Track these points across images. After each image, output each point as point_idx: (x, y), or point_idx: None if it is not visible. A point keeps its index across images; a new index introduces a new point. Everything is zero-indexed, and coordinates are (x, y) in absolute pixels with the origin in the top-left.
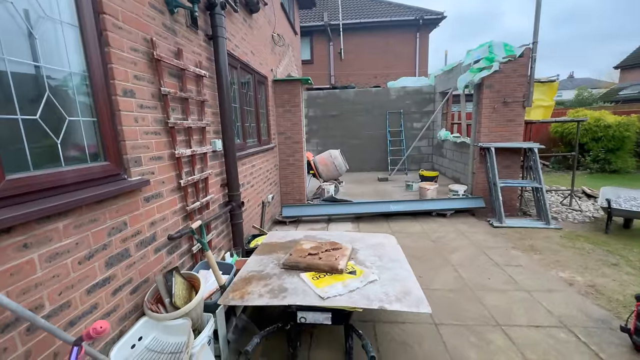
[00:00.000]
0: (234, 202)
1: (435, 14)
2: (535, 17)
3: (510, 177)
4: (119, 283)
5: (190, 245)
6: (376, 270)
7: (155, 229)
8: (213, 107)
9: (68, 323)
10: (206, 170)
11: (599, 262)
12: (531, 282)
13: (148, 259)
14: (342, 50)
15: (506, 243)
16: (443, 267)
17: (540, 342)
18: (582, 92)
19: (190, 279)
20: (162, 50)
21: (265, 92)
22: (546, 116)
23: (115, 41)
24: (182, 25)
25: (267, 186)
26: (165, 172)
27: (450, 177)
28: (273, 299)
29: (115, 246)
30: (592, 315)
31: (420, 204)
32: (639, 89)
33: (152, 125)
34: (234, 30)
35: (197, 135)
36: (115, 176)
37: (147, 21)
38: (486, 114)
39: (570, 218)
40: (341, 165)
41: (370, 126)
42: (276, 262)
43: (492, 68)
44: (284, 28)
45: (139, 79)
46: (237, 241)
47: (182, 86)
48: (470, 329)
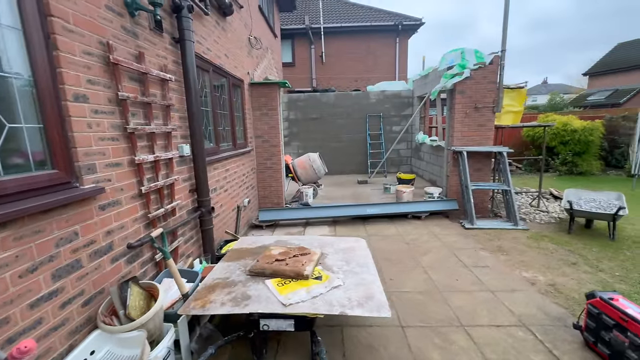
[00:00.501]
0: (204, 207)
1: (413, 20)
2: (503, 28)
3: (482, 179)
4: (68, 296)
5: (153, 254)
6: (342, 275)
7: (112, 238)
8: (181, 112)
9: (6, 340)
10: (172, 176)
11: (560, 262)
12: (496, 282)
13: (103, 269)
14: (324, 53)
15: (476, 244)
16: (414, 270)
17: (500, 342)
18: (554, 97)
19: (149, 288)
20: (120, 54)
21: (242, 96)
22: (516, 121)
23: (66, 45)
24: (144, 28)
25: (243, 190)
26: (124, 178)
27: (427, 180)
28: (235, 307)
29: (64, 257)
30: (550, 314)
31: (396, 206)
32: (605, 95)
33: (109, 131)
34: (205, 34)
35: (162, 141)
36: (64, 184)
37: (103, 24)
38: (459, 118)
39: (538, 219)
40: (320, 169)
41: (351, 129)
42: (243, 269)
43: (463, 74)
44: (263, 31)
45: (93, 84)
46: (207, 247)
47: (144, 90)
48: (435, 331)
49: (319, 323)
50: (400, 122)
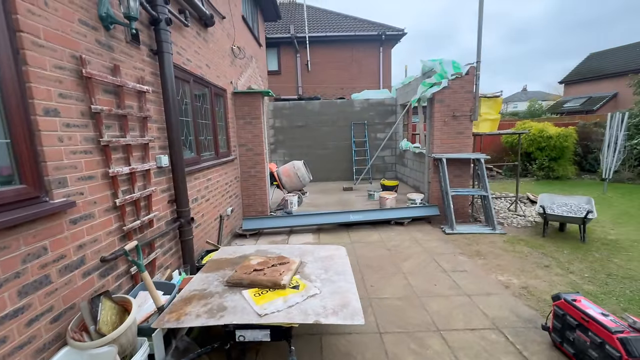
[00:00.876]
0: (183, 218)
1: (396, 30)
2: (477, 41)
3: (462, 185)
4: (35, 312)
5: (128, 267)
6: (319, 284)
7: (84, 252)
8: (159, 122)
9: None
10: (149, 187)
11: (533, 265)
12: (473, 286)
13: (74, 284)
14: (309, 62)
15: (455, 249)
16: (395, 276)
17: (473, 345)
18: (533, 104)
19: (122, 302)
20: (94, 67)
21: (224, 105)
22: (493, 129)
23: (35, 59)
24: (120, 41)
25: (226, 199)
26: (97, 191)
27: (411, 186)
28: (210, 319)
29: (31, 273)
30: (521, 316)
31: (379, 213)
32: (580, 102)
33: (82, 144)
34: (186, 45)
35: (139, 152)
36: (33, 199)
37: (76, 38)
38: (438, 126)
39: (515, 223)
40: (304, 176)
41: (336, 136)
42: (221, 280)
43: (441, 84)
44: (247, 40)
45: (65, 97)
46: (187, 258)
47: (119, 102)
48: (412, 336)
49: (299, 332)
50: (385, 129)
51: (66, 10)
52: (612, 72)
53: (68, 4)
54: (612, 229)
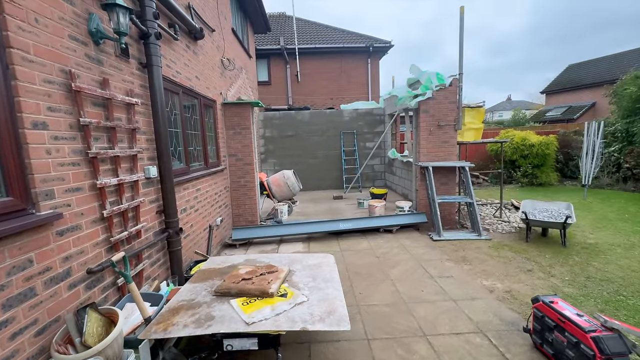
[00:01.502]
0: (171, 228)
1: (383, 42)
2: (459, 55)
3: (448, 193)
4: (19, 326)
5: (115, 278)
6: (307, 292)
7: (70, 264)
8: (148, 134)
9: None
10: (137, 198)
11: (517, 269)
12: (459, 291)
13: (60, 296)
14: (299, 72)
15: (442, 255)
16: (383, 283)
17: (458, 349)
18: (517, 113)
19: (108, 314)
20: (83, 81)
21: (214, 115)
22: (477, 137)
23: (25, 74)
24: (110, 55)
25: (216, 209)
26: (84, 203)
27: (400, 194)
28: (197, 329)
29: (16, 286)
30: (505, 319)
31: (368, 221)
32: (561, 111)
33: (69, 157)
34: (175, 57)
35: (127, 163)
36: (19, 212)
37: (65, 53)
38: (424, 135)
39: (500, 229)
40: (294, 185)
41: (326, 146)
42: (209, 290)
43: (426, 95)
44: (237, 52)
45: (53, 111)
46: (175, 269)
47: (108, 115)
48: (399, 342)
49: (287, 340)
50: (374, 138)
51: (56, 27)
52: (589, 82)
53: (58, 20)
54: (591, 233)
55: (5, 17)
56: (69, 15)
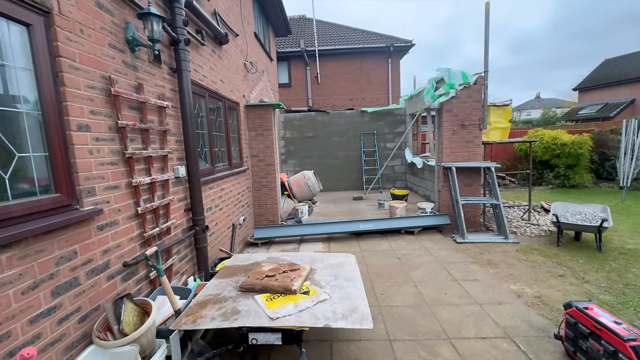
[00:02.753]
0: (198, 226)
1: (404, 42)
2: (484, 51)
3: (472, 194)
4: (65, 312)
5: (148, 271)
6: (329, 290)
7: (109, 257)
8: (177, 135)
9: (7, 354)
10: (168, 196)
11: (547, 274)
12: (484, 295)
13: (100, 286)
14: (319, 74)
15: (466, 258)
16: (405, 284)
17: (484, 353)
18: (547, 112)
19: (142, 305)
20: (121, 86)
21: (237, 117)
22: (504, 137)
23: (72, 81)
24: (144, 61)
25: (239, 208)
26: (121, 200)
27: (422, 195)
28: (224, 322)
29: (63, 275)
30: (534, 325)
31: (389, 222)
32: (595, 109)
33: (109, 157)
34: (202, 62)
35: (159, 163)
36: (66, 207)
37: (106, 60)
38: (447, 135)
39: (528, 232)
40: (314, 186)
41: (346, 147)
42: (234, 285)
43: (449, 94)
44: (259, 55)
45: (95, 114)
46: (201, 265)
47: (142, 117)
48: (422, 344)
49: (310, 337)
50: (394, 139)
51: (98, 36)
52: (628, 78)
53: (100, 30)
54: (630, 238)
55: (56, 29)
56: (108, 25)
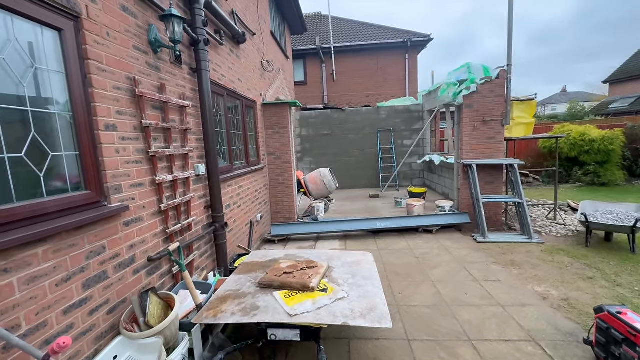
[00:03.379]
0: (218, 223)
1: (422, 36)
2: (508, 43)
3: (494, 192)
4: (95, 304)
5: (170, 266)
6: (347, 288)
7: (134, 252)
8: (197, 134)
9: (44, 342)
10: (189, 194)
11: (575, 276)
12: (507, 296)
13: (126, 280)
14: (335, 71)
15: (487, 258)
16: (423, 284)
17: (507, 356)
18: (574, 106)
19: (166, 298)
20: (145, 87)
21: (254, 116)
22: (528, 132)
23: (99, 82)
24: (165, 62)
25: (256, 206)
26: (146, 197)
27: (440, 193)
28: (244, 317)
29: (93, 269)
30: (561, 329)
31: (407, 220)
32: (628, 102)
33: (134, 155)
34: (220, 62)
35: (180, 162)
36: (95, 204)
37: (130, 62)
38: (467, 132)
39: (554, 232)
40: (330, 184)
41: (362, 144)
42: (253, 281)
43: (470, 89)
44: (275, 54)
45: (121, 114)
46: (221, 261)
47: (164, 117)
48: (442, 345)
49: (327, 335)
50: (411, 136)
51: (123, 39)
52: None
53: (124, 32)
54: None
55: (85, 33)
56: (133, 27)
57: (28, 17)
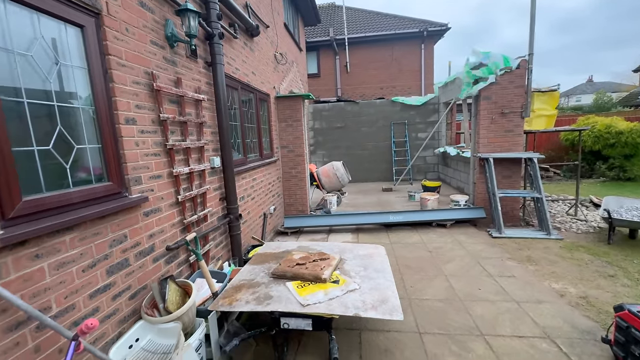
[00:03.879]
0: (232, 214)
1: (439, 26)
2: (530, 31)
3: (511, 187)
4: (118, 289)
5: (187, 256)
6: (359, 280)
7: (153, 241)
8: (212, 127)
9: (72, 323)
10: (204, 186)
11: (595, 274)
12: (522, 292)
13: (146, 267)
14: (348, 63)
15: (503, 254)
16: (436, 278)
17: (520, 352)
18: (600, 97)
19: (184, 286)
20: (162, 81)
21: (268, 109)
22: (549, 125)
23: (119, 77)
24: (182, 56)
25: (269, 198)
26: (164, 189)
27: (455, 187)
28: (258, 306)
29: (115, 256)
30: (578, 327)
31: (420, 214)
32: None
33: (152, 148)
34: (234, 55)
35: (196, 154)
36: (117, 194)
37: (148, 56)
38: (484, 124)
39: (574, 228)
40: (343, 177)
41: (375, 137)
42: (267, 272)
43: (488, 80)
44: (288, 46)
45: (140, 108)
46: (235, 251)
47: (181, 111)
48: (453, 338)
49: (339, 326)
50: (426, 128)
51: (141, 34)
52: None
53: (142, 28)
54: None
55: (105, 29)
56: (150, 22)
57: (52, 14)
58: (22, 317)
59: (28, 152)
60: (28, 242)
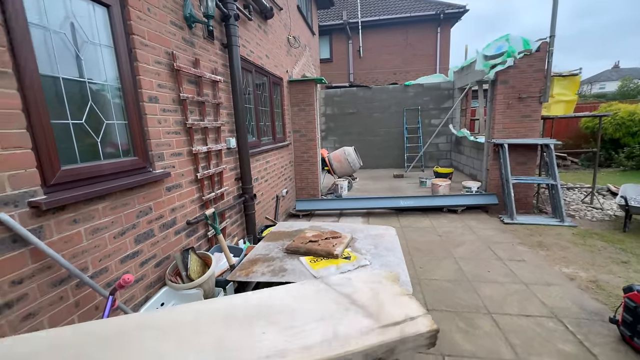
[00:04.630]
0: (247, 194)
1: (457, 7)
2: (552, 12)
3: (526, 173)
4: (145, 257)
5: (206, 231)
6: (369, 257)
7: (175, 215)
8: (228, 109)
9: (106, 284)
10: (221, 165)
11: (608, 260)
12: (531, 275)
13: (169, 239)
14: (361, 47)
15: (514, 239)
16: (445, 260)
17: (526, 330)
18: (626, 83)
19: (204, 257)
20: (181, 61)
21: (281, 92)
22: (568, 111)
23: (143, 56)
24: (199, 37)
25: (282, 181)
26: (184, 166)
27: (467, 174)
28: (273, 277)
29: (142, 226)
30: (586, 308)
31: (431, 199)
32: None
33: (173, 126)
34: (249, 37)
35: (213, 134)
36: (142, 169)
37: (168, 37)
38: (500, 110)
39: (589, 216)
40: (354, 162)
41: (387, 123)
42: (280, 248)
43: (506, 63)
44: (301, 30)
45: (162, 87)
46: (250, 229)
47: (199, 91)
48: (461, 316)
49: None
50: (440, 115)
51: (162, 14)
52: None
53: (162, 8)
54: None
55: (129, 9)
56: (170, 3)
57: None
58: (64, 275)
59: (64, 125)
60: (67, 207)
